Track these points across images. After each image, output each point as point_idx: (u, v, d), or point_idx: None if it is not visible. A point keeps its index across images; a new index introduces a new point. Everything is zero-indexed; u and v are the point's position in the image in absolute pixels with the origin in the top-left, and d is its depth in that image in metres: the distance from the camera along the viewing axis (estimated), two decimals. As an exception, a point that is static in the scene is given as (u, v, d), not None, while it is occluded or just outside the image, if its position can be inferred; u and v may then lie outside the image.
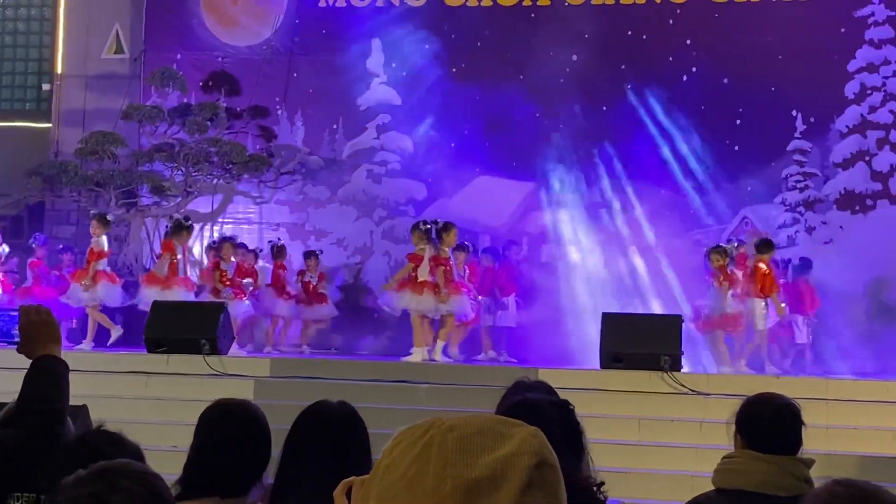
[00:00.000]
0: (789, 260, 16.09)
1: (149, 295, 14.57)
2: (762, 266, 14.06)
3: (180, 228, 15.34)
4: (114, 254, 16.65)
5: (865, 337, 17.12)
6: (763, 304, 13.91)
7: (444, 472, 1.30)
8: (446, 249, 14.28)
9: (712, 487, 4.01)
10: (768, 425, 3.96)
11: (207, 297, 15.36)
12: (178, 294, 14.66)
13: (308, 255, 17.16)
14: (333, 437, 3.55)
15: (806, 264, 15.66)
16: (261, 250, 16.98)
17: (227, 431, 3.81)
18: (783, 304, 14.80)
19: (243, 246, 16.60)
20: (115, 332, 15.16)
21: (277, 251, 16.76)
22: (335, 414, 3.67)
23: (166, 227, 16.51)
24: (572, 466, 3.38)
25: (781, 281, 15.35)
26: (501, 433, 1.36)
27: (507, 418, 1.42)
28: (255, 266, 16.34)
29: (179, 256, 15.10)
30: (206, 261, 16.84)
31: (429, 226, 14.42)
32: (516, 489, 1.31)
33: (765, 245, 14.36)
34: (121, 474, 2.00)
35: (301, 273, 16.98)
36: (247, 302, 15.77)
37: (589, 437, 3.56)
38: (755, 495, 3.80)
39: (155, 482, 2.05)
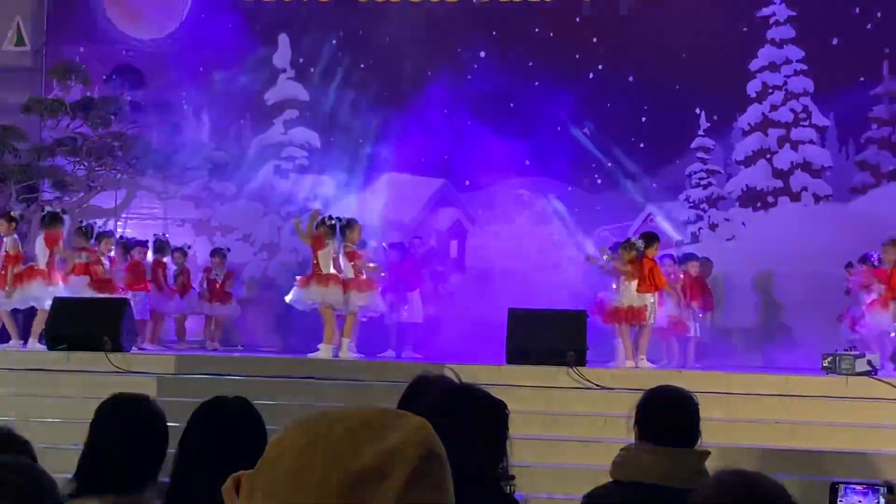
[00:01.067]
0: (690, 254, 16.26)
1: (32, 289, 14.21)
2: (648, 260, 14.18)
3: (54, 220, 14.83)
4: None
5: (767, 331, 17.45)
6: (652, 297, 14.03)
7: (330, 464, 1.30)
8: (351, 245, 14.24)
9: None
10: (664, 418, 4.01)
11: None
12: (57, 288, 14.29)
13: (214, 252, 16.99)
14: (228, 433, 3.51)
15: (690, 257, 15.82)
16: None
17: (121, 427, 3.76)
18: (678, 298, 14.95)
19: (141, 243, 16.35)
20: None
21: (159, 247, 16.48)
22: (231, 409, 3.63)
23: (77, 223, 16.17)
24: (491, 463, 3.40)
25: (681, 276, 15.53)
26: (388, 425, 1.36)
27: (396, 410, 1.42)
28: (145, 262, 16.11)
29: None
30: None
31: (333, 221, 14.38)
32: (402, 480, 1.31)
33: (648, 238, 14.48)
34: (5, 468, 1.96)
35: (207, 270, 16.83)
36: None
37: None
38: (651, 487, 3.85)
39: (40, 477, 2.02)
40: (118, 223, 18.80)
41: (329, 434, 1.33)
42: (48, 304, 13.74)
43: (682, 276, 15.55)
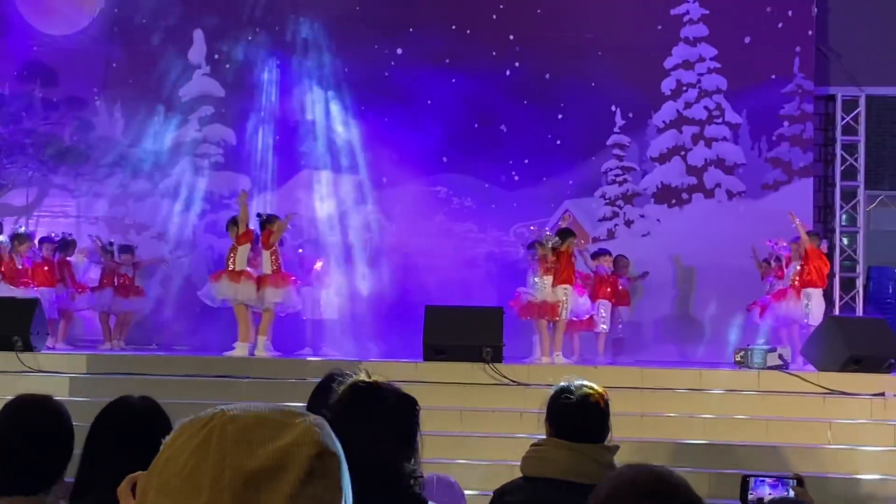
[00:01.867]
0: (602, 250, 16.39)
1: None
2: (563, 255, 14.29)
3: None
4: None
5: (682, 326, 17.65)
6: (565, 293, 14.13)
7: (223, 464, 1.29)
8: (271, 241, 14.17)
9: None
10: (573, 413, 4.02)
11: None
12: None
13: (123, 249, 16.76)
14: (133, 433, 3.47)
15: (603, 252, 15.97)
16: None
17: (25, 428, 3.70)
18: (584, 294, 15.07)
19: (48, 239, 16.11)
20: None
21: (64, 245, 16.25)
22: (135, 410, 3.59)
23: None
24: (401, 460, 3.38)
25: (594, 272, 15.67)
26: (283, 423, 1.35)
27: (292, 409, 1.41)
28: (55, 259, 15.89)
29: None
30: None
31: (263, 216, 14.33)
32: (296, 479, 1.30)
33: (563, 235, 14.59)
34: None
35: (116, 266, 16.58)
36: None
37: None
38: (560, 482, 3.86)
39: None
40: (30, 221, 18.50)
41: (223, 433, 1.32)
42: None
43: (594, 271, 15.69)
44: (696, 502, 2.45)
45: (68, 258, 16.21)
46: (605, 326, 15.46)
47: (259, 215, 14.45)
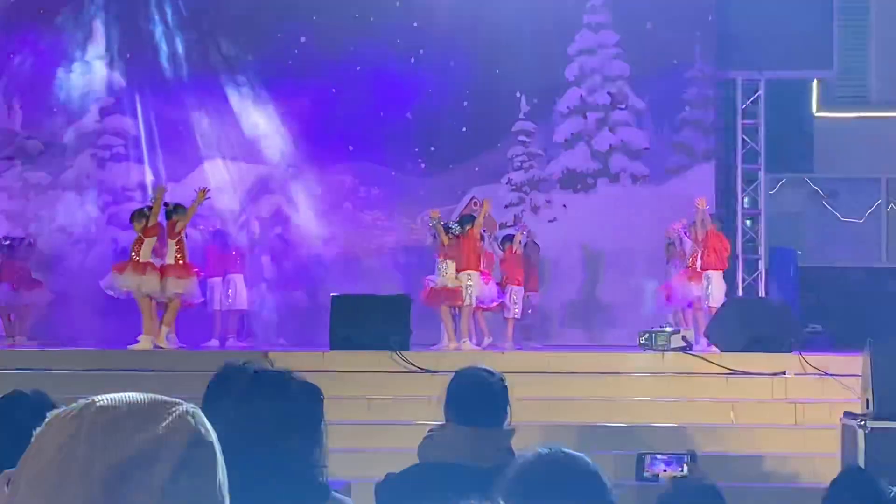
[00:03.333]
0: (508, 235, 16.43)
1: None
2: (466, 241, 14.34)
3: None
4: None
5: (590, 310, 17.81)
6: (470, 278, 14.18)
7: (94, 455, 1.27)
8: (177, 230, 14.01)
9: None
10: (469, 398, 4.03)
11: None
12: None
13: (20, 241, 16.45)
14: (24, 428, 3.41)
15: (509, 238, 16.03)
16: None
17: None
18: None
19: None
20: None
21: None
22: (27, 404, 3.52)
23: None
24: (304, 450, 3.35)
25: (500, 256, 15.72)
26: (154, 413, 1.33)
27: (164, 398, 1.39)
28: None
29: None
30: None
31: (170, 206, 14.13)
32: (168, 469, 1.29)
33: (466, 220, 14.65)
34: None
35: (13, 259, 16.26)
36: None
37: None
38: (456, 467, 3.86)
39: None
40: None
41: (93, 424, 1.30)
42: None
43: (501, 256, 15.73)
44: (600, 479, 2.48)
45: None
46: (517, 312, 15.51)
47: (166, 205, 14.26)
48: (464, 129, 18.21)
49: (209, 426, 1.38)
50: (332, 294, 13.32)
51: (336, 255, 17.97)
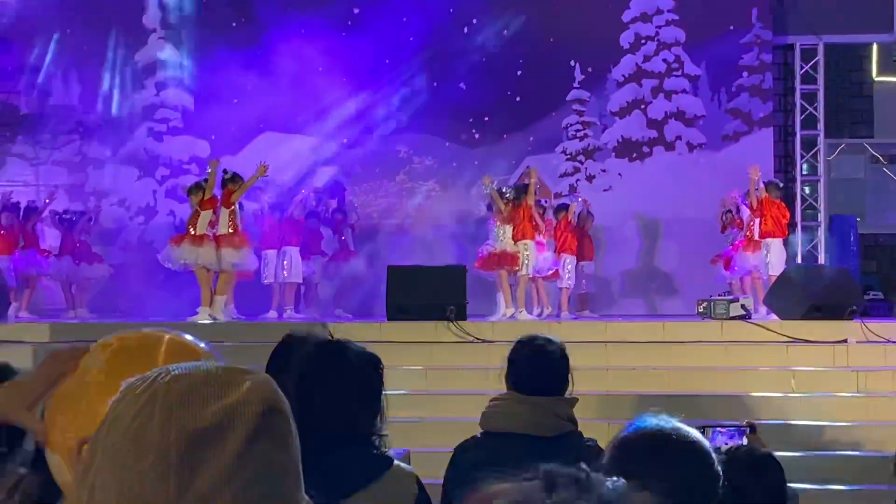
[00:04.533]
0: (563, 203, 16.34)
1: None
2: (524, 208, 14.30)
3: None
4: None
5: (647, 279, 17.73)
6: (526, 247, 14.14)
7: (168, 424, 1.28)
8: (231, 200, 14.05)
9: (483, 431, 4.08)
10: (530, 367, 4.03)
11: None
12: None
13: (80, 215, 16.61)
14: None
15: (564, 207, 15.93)
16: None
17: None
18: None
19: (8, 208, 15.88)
20: None
21: (28, 213, 16.02)
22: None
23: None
24: (364, 419, 3.37)
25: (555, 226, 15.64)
26: (229, 381, 1.33)
27: (239, 367, 1.39)
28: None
29: None
30: None
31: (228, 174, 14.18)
32: (243, 437, 1.29)
33: (521, 189, 14.60)
34: None
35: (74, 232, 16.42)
36: None
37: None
38: (519, 437, 3.87)
39: None
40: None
41: (167, 393, 1.30)
42: None
43: (555, 225, 15.63)
44: (702, 451, 2.47)
45: (35, 225, 16.04)
46: (569, 281, 15.47)
47: (225, 172, 14.31)
48: (518, 98, 18.15)
49: (282, 395, 1.38)
50: (388, 265, 13.34)
51: (391, 226, 18.01)
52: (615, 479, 1.15)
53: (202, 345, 1.87)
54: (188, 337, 1.86)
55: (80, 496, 1.32)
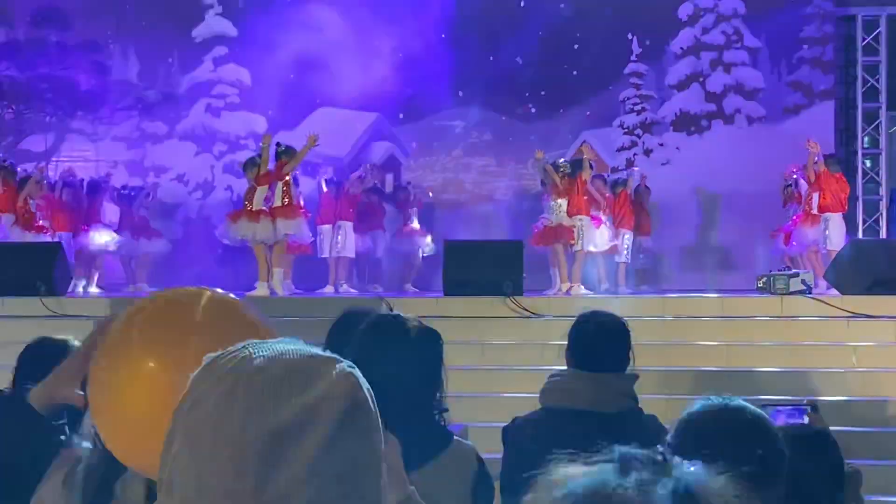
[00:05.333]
0: (620, 178, 16.23)
1: None
2: (579, 182, 14.21)
3: None
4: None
5: (705, 253, 17.59)
6: (581, 221, 14.06)
7: (249, 418, 1.26)
8: (284, 172, 14.06)
9: (542, 406, 4.06)
10: (591, 343, 3.99)
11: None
12: None
13: (138, 190, 16.76)
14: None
15: (620, 181, 15.80)
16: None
17: (44, 371, 3.71)
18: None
19: (70, 184, 16.01)
20: None
21: (92, 188, 16.16)
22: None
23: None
24: (425, 394, 3.37)
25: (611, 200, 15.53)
26: (311, 374, 1.31)
27: (322, 355, 1.35)
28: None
29: None
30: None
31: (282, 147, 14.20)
32: (324, 434, 1.27)
33: (577, 164, 14.51)
34: None
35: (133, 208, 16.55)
36: None
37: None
38: (580, 412, 3.84)
39: None
40: (49, 166, 18.49)
41: (249, 385, 1.28)
42: None
43: (612, 199, 15.50)
44: (771, 432, 2.45)
45: (98, 201, 16.18)
46: (627, 256, 15.38)
47: (278, 145, 14.32)
48: (574, 72, 18.05)
49: (366, 387, 1.35)
50: (444, 240, 13.33)
51: (447, 200, 18.00)
52: (693, 461, 1.12)
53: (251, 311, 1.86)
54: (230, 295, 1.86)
55: (163, 472, 1.31)
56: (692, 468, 1.11)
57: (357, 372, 1.35)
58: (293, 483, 1.24)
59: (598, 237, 14.57)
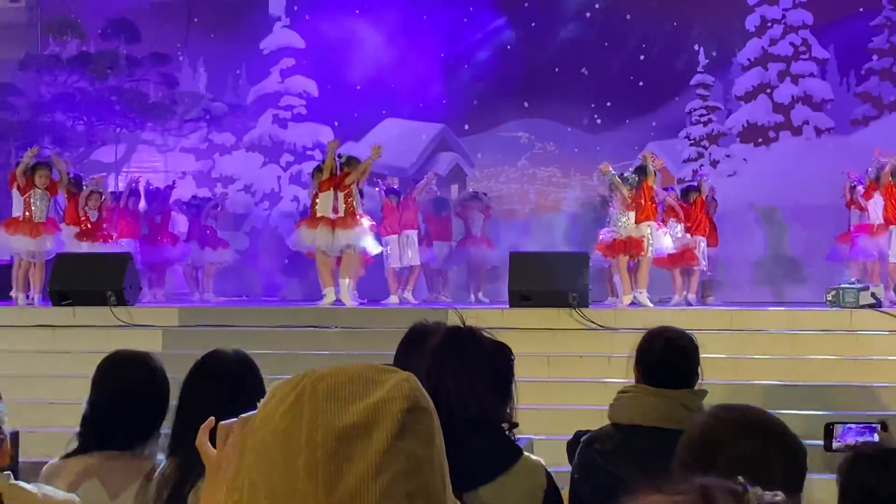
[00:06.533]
0: (692, 186, 16.08)
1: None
2: (645, 190, 14.12)
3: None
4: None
5: (772, 265, 17.43)
6: (649, 229, 13.98)
7: (315, 422, 1.30)
8: (346, 182, 14.12)
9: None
10: (660, 359, 3.99)
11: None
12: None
13: (206, 201, 16.94)
14: (226, 385, 3.52)
15: (693, 188, 15.63)
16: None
17: (122, 384, 3.78)
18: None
19: (135, 192, 16.23)
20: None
21: (157, 198, 16.38)
22: (227, 363, 3.63)
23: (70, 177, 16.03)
24: (496, 407, 3.39)
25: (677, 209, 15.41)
26: (373, 380, 1.35)
27: (382, 365, 1.40)
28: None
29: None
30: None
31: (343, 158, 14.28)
32: (389, 434, 1.30)
33: (641, 171, 14.40)
34: None
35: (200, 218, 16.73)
36: None
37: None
38: (648, 429, 3.84)
39: None
40: (119, 177, 18.78)
41: (314, 392, 1.33)
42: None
43: (687, 207, 15.30)
44: (792, 438, 2.44)
45: (165, 212, 16.38)
46: (704, 264, 15.20)
47: (339, 157, 14.41)
48: (641, 83, 17.99)
49: (426, 392, 1.39)
50: (510, 251, 13.33)
51: (512, 211, 18.00)
52: (775, 492, 1.13)
53: None
54: None
55: (231, 497, 1.35)
56: (773, 500, 1.12)
57: (415, 379, 1.38)
58: (361, 481, 1.27)
59: (665, 243, 14.48)
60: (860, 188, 14.86)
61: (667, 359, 3.97)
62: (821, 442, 3.73)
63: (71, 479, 3.67)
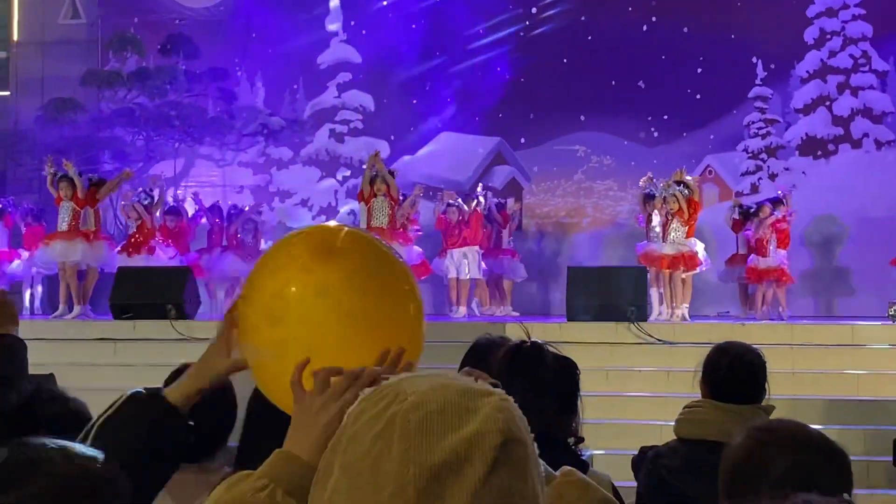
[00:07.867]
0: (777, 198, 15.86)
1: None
2: (695, 204, 14.07)
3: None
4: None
5: (832, 280, 17.24)
6: (696, 242, 13.92)
7: (407, 457, 1.28)
8: (392, 195, 14.23)
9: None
10: (727, 374, 3.97)
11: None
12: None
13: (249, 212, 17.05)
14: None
15: (778, 200, 15.43)
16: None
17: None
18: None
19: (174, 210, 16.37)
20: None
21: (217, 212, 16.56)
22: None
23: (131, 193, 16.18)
24: (563, 423, 3.38)
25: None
26: (466, 408, 1.32)
27: (475, 387, 1.37)
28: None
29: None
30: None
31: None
32: (482, 470, 1.28)
33: (687, 187, 14.36)
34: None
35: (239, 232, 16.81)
36: None
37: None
38: (716, 444, 3.81)
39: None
40: (178, 191, 18.91)
41: (405, 423, 1.30)
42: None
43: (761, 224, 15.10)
44: (832, 446, 2.42)
45: (226, 226, 16.52)
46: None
47: (391, 172, 14.54)
48: (698, 96, 17.89)
49: (521, 420, 1.37)
50: (567, 266, 13.31)
51: (569, 225, 17.94)
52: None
53: None
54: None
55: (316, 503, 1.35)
56: None
57: (511, 403, 1.36)
58: None
59: (706, 258, 14.46)
60: None
61: (733, 374, 3.95)
62: (885, 458, 3.70)
63: (140, 492, 3.69)
